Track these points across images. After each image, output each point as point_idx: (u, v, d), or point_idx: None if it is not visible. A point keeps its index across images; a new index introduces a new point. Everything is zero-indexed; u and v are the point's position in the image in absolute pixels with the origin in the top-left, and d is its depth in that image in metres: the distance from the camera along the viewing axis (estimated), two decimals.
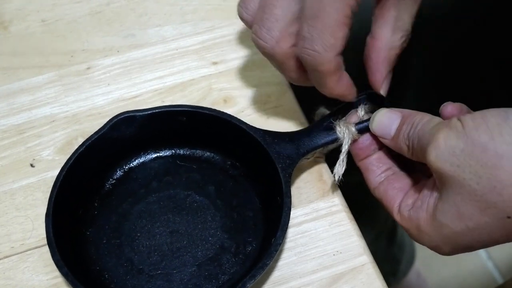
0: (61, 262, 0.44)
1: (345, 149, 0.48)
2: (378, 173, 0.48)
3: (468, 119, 0.39)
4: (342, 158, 0.48)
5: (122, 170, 0.53)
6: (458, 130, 0.39)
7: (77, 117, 0.57)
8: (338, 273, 0.48)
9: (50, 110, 0.57)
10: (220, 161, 0.53)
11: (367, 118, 0.48)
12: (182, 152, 0.54)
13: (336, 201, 0.52)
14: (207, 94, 0.58)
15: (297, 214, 0.51)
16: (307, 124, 0.56)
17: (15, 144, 0.55)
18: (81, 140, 0.54)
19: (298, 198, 0.52)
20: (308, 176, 0.53)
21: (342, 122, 0.49)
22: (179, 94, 0.58)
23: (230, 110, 0.56)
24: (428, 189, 0.43)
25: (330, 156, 0.54)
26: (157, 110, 0.51)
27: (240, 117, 0.52)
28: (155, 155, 0.54)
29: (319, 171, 0.53)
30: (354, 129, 0.48)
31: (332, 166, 0.50)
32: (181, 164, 0.53)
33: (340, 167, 0.48)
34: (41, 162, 0.54)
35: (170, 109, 0.51)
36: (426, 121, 0.43)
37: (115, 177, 0.53)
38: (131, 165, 0.53)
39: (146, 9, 0.64)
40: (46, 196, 0.48)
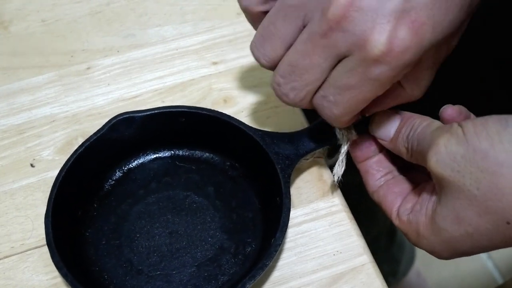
0: (60, 263, 0.44)
1: (344, 149, 0.48)
2: (377, 177, 0.48)
3: (469, 125, 0.39)
4: (341, 159, 0.48)
5: (121, 171, 0.53)
6: (458, 136, 0.39)
7: (77, 117, 0.57)
8: (338, 273, 0.48)
9: (50, 110, 0.57)
10: (219, 162, 0.53)
11: (367, 119, 0.48)
12: (181, 153, 0.54)
13: (336, 201, 0.52)
14: (207, 94, 0.58)
15: (297, 214, 0.51)
16: (307, 124, 0.55)
17: (15, 144, 0.55)
18: (81, 140, 0.54)
19: (298, 198, 0.52)
20: (308, 176, 0.53)
21: None
22: (179, 94, 0.58)
23: (230, 110, 0.56)
24: (427, 193, 0.43)
25: (331, 155, 0.54)
26: (156, 111, 0.51)
27: (240, 117, 0.52)
28: (154, 156, 0.54)
29: (319, 171, 0.53)
30: (353, 130, 0.48)
31: (332, 166, 0.50)
32: (180, 165, 0.53)
33: (339, 168, 0.48)
34: (41, 162, 0.54)
35: (169, 110, 0.51)
36: (426, 124, 0.43)
37: (114, 178, 0.53)
38: (130, 166, 0.53)
39: (146, 9, 0.64)
40: (46, 196, 0.48)
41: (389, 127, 0.45)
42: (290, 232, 0.50)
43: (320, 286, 0.48)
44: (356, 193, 0.58)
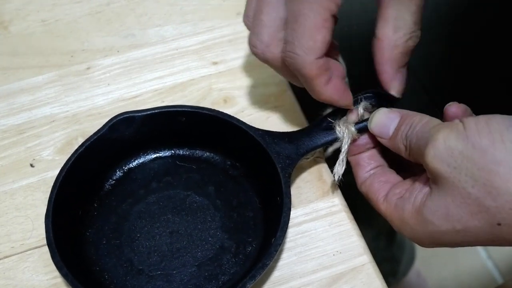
0: (61, 263, 0.44)
1: (344, 148, 0.48)
2: (367, 169, 0.48)
3: (471, 122, 0.39)
4: (342, 158, 0.48)
5: (122, 171, 0.53)
6: (459, 131, 0.39)
7: (77, 117, 0.57)
8: (338, 273, 0.48)
9: (50, 110, 0.57)
10: (219, 161, 0.53)
11: (367, 118, 0.48)
12: (181, 152, 0.54)
13: (336, 201, 0.52)
14: (207, 94, 0.58)
15: (297, 214, 0.51)
16: (307, 124, 0.55)
17: (15, 144, 0.55)
18: (81, 140, 0.54)
19: (298, 198, 0.52)
20: (308, 176, 0.53)
21: (341, 122, 0.49)
22: (179, 94, 0.58)
23: (230, 110, 0.56)
24: (419, 183, 0.43)
25: (330, 156, 0.54)
26: (156, 111, 0.51)
27: (240, 117, 0.52)
28: (155, 156, 0.54)
29: (319, 171, 0.53)
30: (353, 128, 0.48)
31: (332, 166, 0.50)
32: (180, 164, 0.53)
33: (340, 167, 0.48)
34: (41, 162, 0.54)
35: (169, 109, 0.51)
36: (425, 122, 0.43)
37: (115, 177, 0.53)
38: (131, 165, 0.53)
39: (146, 9, 0.64)
40: (46, 196, 0.48)
41: (388, 125, 0.46)
42: (290, 232, 0.50)
43: (320, 286, 0.48)
44: (356, 193, 0.58)
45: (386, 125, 0.46)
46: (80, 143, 0.50)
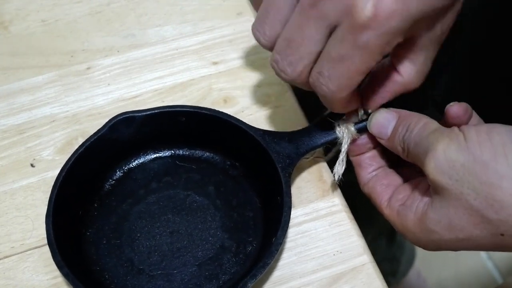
0: (61, 262, 0.44)
1: (344, 148, 0.48)
2: (369, 170, 0.48)
3: (472, 133, 0.39)
4: (342, 158, 0.48)
5: (122, 171, 0.53)
6: (459, 143, 0.39)
7: (77, 117, 0.57)
8: (338, 273, 0.48)
9: (50, 110, 0.57)
10: (219, 161, 0.53)
11: (367, 118, 0.48)
12: (181, 152, 0.54)
13: (336, 201, 0.52)
14: (207, 94, 0.58)
15: (297, 214, 0.51)
16: (307, 124, 0.55)
17: (15, 144, 0.55)
18: (81, 140, 0.54)
19: (298, 198, 0.52)
20: (308, 175, 0.53)
21: (341, 122, 0.49)
22: (179, 94, 0.58)
23: (230, 110, 0.56)
24: (419, 192, 0.43)
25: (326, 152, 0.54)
26: (156, 111, 0.51)
27: (240, 117, 0.52)
28: (155, 156, 0.54)
29: (319, 171, 0.53)
30: (353, 128, 0.48)
31: (332, 166, 0.50)
32: (180, 164, 0.53)
33: (340, 167, 0.48)
34: (41, 162, 0.54)
35: (169, 109, 0.51)
36: (422, 125, 0.43)
37: (115, 177, 0.53)
38: (131, 165, 0.53)
39: (146, 9, 0.64)
40: (46, 196, 0.48)
41: (386, 126, 0.46)
42: (290, 232, 0.50)
43: (320, 286, 0.48)
44: (356, 193, 0.58)
45: (384, 125, 0.46)
46: (80, 143, 0.50)
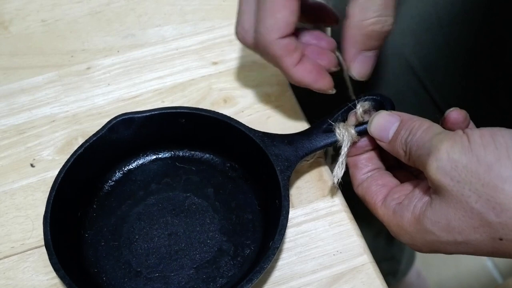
0: (58, 264, 0.44)
1: (344, 151, 0.48)
2: (364, 171, 0.48)
3: (475, 135, 0.39)
4: (342, 161, 0.48)
5: (121, 172, 0.53)
6: (463, 145, 0.39)
7: (77, 117, 0.57)
8: (338, 273, 0.48)
9: (50, 110, 0.57)
10: (219, 163, 0.53)
11: (367, 120, 0.48)
12: (181, 153, 0.54)
13: (336, 201, 0.52)
14: (207, 94, 0.58)
15: (297, 214, 0.51)
16: (308, 125, 0.55)
17: (15, 144, 0.55)
18: (81, 140, 0.54)
19: (298, 198, 0.52)
20: (308, 176, 0.53)
21: (341, 124, 0.48)
22: (179, 94, 0.58)
23: (230, 110, 0.56)
24: (419, 191, 0.43)
25: (330, 157, 0.54)
26: (155, 112, 0.51)
27: (240, 117, 0.51)
28: (154, 157, 0.53)
29: (319, 171, 0.53)
30: (353, 131, 0.48)
31: (332, 166, 0.50)
32: (180, 166, 0.53)
33: (339, 170, 0.48)
34: (41, 162, 0.54)
35: (169, 111, 0.51)
36: (426, 128, 0.42)
37: (114, 179, 0.53)
38: (130, 167, 0.53)
39: (146, 9, 0.64)
40: (46, 196, 0.48)
41: (388, 129, 0.45)
42: (290, 232, 0.50)
43: (320, 286, 0.48)
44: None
45: (386, 128, 0.45)
46: (80, 143, 0.50)
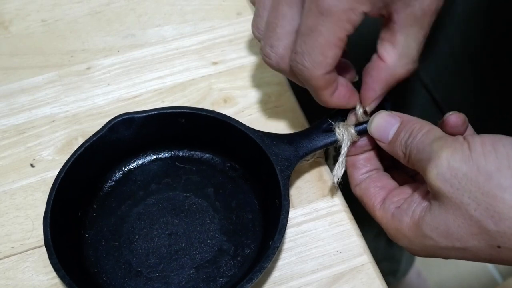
0: (58, 264, 0.44)
1: (344, 151, 0.48)
2: (363, 171, 0.48)
3: (476, 143, 0.39)
4: (342, 160, 0.48)
5: (121, 172, 0.53)
6: (463, 153, 0.39)
7: (77, 117, 0.57)
8: (338, 273, 0.48)
9: (50, 110, 0.57)
10: (219, 163, 0.53)
11: (367, 120, 0.48)
12: (181, 153, 0.54)
13: (336, 201, 0.52)
14: (207, 94, 0.58)
15: (297, 214, 0.51)
16: (307, 124, 0.55)
17: (15, 144, 0.55)
18: (81, 140, 0.54)
19: (298, 198, 0.52)
20: (308, 176, 0.53)
21: (341, 124, 0.49)
22: (179, 94, 0.58)
23: (230, 110, 0.56)
24: (418, 196, 0.43)
25: (330, 157, 0.54)
26: (155, 112, 0.51)
27: (240, 117, 0.51)
28: (154, 157, 0.53)
29: (319, 171, 0.53)
30: (353, 131, 0.48)
31: (332, 166, 0.50)
32: (180, 165, 0.53)
33: (339, 169, 0.48)
34: (41, 162, 0.54)
35: (169, 111, 0.51)
36: (426, 131, 0.42)
37: (114, 179, 0.53)
38: (130, 167, 0.53)
39: (146, 9, 0.64)
40: (46, 196, 0.48)
41: (388, 129, 0.45)
42: (290, 232, 0.50)
43: (320, 286, 0.48)
44: None
45: (386, 129, 0.45)
46: (80, 143, 0.50)
